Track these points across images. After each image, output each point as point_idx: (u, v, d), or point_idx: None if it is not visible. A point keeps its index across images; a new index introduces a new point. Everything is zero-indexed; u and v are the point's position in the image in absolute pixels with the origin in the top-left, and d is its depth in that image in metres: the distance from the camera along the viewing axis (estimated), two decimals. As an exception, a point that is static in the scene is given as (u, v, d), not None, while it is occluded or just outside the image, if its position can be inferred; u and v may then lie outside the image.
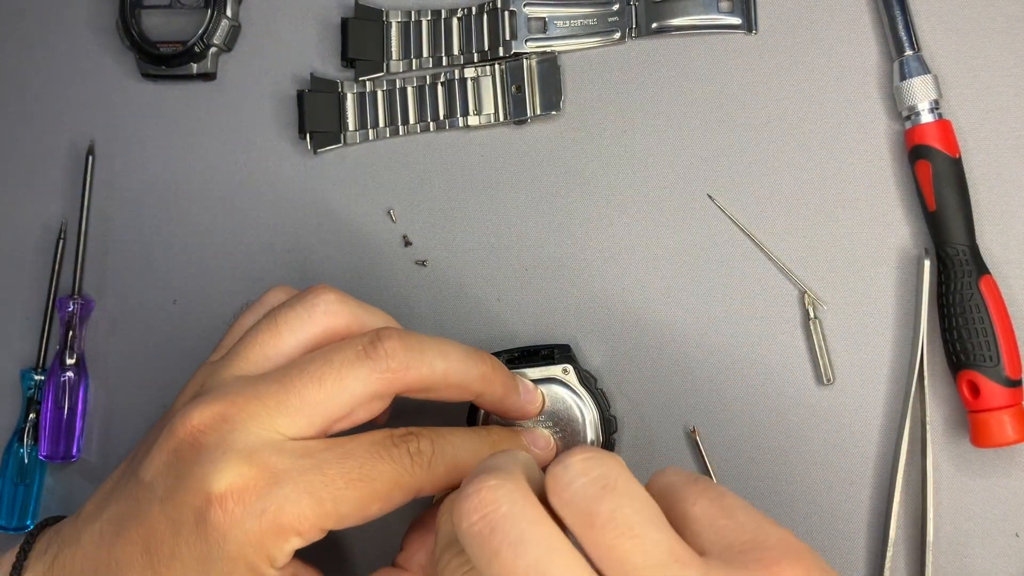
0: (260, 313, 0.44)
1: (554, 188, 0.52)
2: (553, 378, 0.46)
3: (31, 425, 0.53)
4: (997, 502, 0.47)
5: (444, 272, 0.52)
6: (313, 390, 0.38)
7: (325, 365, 0.39)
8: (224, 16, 0.54)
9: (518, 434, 0.44)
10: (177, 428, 0.38)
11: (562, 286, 0.51)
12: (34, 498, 0.52)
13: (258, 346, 0.41)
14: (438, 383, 0.40)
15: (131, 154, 0.55)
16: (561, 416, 0.46)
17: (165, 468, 0.38)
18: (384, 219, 0.53)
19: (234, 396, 0.38)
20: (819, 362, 0.48)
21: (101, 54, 0.56)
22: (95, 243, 0.54)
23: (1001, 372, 0.45)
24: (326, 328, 0.41)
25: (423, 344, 0.40)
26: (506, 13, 0.52)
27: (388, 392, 0.39)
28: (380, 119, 0.53)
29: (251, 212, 0.54)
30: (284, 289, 0.45)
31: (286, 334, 0.41)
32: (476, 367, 0.42)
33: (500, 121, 0.52)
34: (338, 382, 0.38)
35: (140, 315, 0.54)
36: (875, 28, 0.50)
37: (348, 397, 0.38)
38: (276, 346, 0.41)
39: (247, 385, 0.39)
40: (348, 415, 0.39)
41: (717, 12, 0.51)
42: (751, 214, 0.50)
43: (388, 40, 0.53)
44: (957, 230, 0.46)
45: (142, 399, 0.53)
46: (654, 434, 0.49)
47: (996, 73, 0.49)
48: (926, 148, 0.47)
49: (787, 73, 0.50)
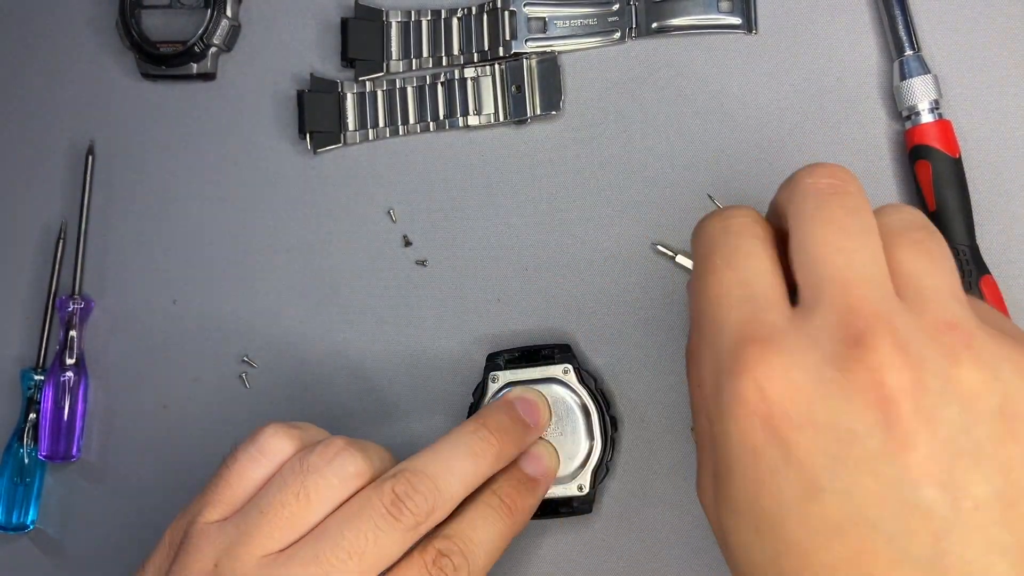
0: (265, 464, 0.40)
1: (554, 188, 0.52)
2: (553, 378, 0.46)
3: (31, 425, 0.53)
4: (997, 502, 0.47)
5: (444, 272, 0.52)
6: (353, 565, 0.36)
7: (359, 538, 0.37)
8: (224, 16, 0.54)
9: (522, 476, 0.44)
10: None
11: (562, 286, 0.51)
12: (34, 498, 0.52)
13: (286, 520, 0.37)
14: (461, 499, 0.40)
15: (131, 154, 0.55)
16: (561, 416, 0.46)
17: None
18: (384, 219, 0.53)
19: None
20: (819, 362, 0.48)
21: (101, 54, 0.56)
22: (95, 243, 0.54)
23: (1001, 372, 0.45)
24: (354, 490, 0.39)
25: (436, 477, 0.39)
26: (506, 13, 0.52)
27: (419, 539, 0.39)
28: (380, 119, 0.53)
29: (251, 212, 0.54)
30: (283, 432, 0.40)
31: (318, 505, 0.38)
32: (487, 459, 0.41)
33: (500, 121, 0.52)
34: (376, 552, 0.37)
35: (140, 315, 0.54)
36: (875, 28, 0.50)
37: (387, 562, 0.37)
38: (306, 518, 0.37)
39: (281, 573, 0.36)
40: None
41: (717, 12, 0.51)
42: (751, 214, 0.50)
43: (388, 40, 0.53)
44: (957, 230, 0.46)
45: (142, 399, 0.53)
46: (654, 434, 0.49)
47: (996, 73, 0.49)
48: (926, 148, 0.47)
49: (787, 73, 0.50)
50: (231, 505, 0.39)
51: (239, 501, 0.39)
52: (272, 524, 0.37)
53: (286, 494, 0.38)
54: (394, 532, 0.37)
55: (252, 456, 0.40)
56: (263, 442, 0.40)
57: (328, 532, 0.37)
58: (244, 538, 0.37)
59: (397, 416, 0.51)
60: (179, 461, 0.53)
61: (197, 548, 0.37)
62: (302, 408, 0.52)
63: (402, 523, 0.37)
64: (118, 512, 0.53)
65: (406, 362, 0.52)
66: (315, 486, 0.38)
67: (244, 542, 0.37)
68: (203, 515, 0.38)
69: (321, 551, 0.36)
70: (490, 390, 0.47)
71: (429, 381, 0.51)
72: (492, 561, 0.40)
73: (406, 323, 0.52)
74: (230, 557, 0.36)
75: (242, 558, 0.36)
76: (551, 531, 0.49)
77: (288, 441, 0.40)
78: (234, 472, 0.39)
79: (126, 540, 0.52)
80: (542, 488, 0.44)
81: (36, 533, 0.53)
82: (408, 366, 0.51)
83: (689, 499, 0.48)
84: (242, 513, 0.38)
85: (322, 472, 0.38)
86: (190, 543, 0.38)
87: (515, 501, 0.42)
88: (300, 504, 0.37)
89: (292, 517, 0.37)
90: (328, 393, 0.52)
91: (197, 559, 0.37)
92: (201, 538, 0.38)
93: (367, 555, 0.36)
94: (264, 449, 0.40)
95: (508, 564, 0.49)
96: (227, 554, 0.37)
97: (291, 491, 0.38)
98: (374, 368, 0.52)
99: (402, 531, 0.37)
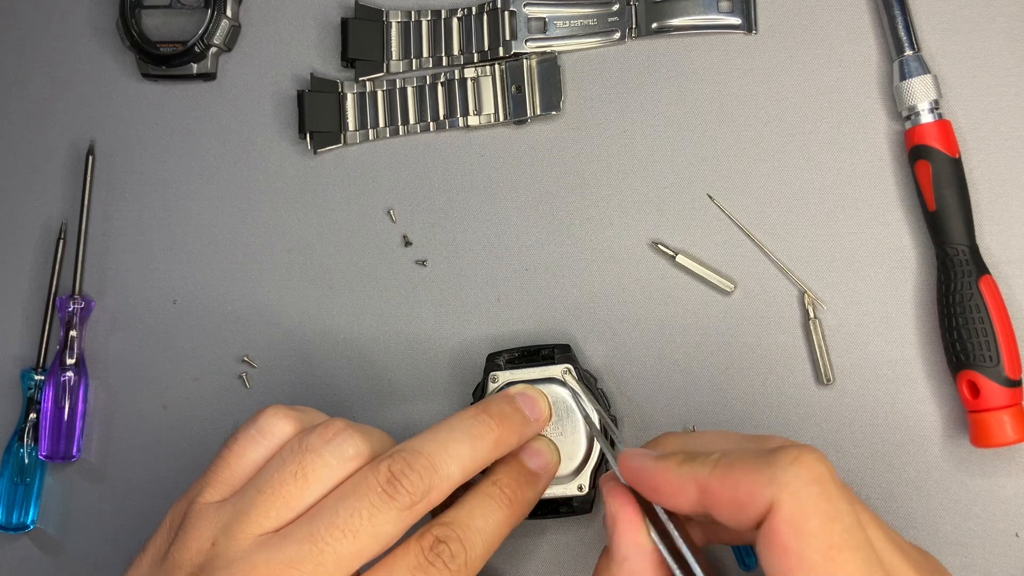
0: (265, 445, 0.40)
1: (554, 188, 0.52)
2: (553, 378, 0.46)
3: (31, 425, 0.53)
4: (997, 502, 0.47)
5: (444, 272, 0.52)
6: (348, 544, 0.36)
7: (354, 516, 0.36)
8: (224, 16, 0.54)
9: (523, 468, 0.44)
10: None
11: (562, 286, 0.51)
12: (34, 498, 0.53)
13: (282, 499, 0.37)
14: (459, 483, 0.40)
15: (131, 154, 0.55)
16: (561, 416, 0.46)
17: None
18: (384, 219, 0.53)
19: (264, 569, 0.36)
20: (819, 362, 0.48)
21: (101, 54, 0.56)
22: (95, 243, 0.54)
23: (1001, 372, 0.45)
24: (351, 471, 0.38)
25: (433, 457, 0.38)
26: (506, 13, 0.52)
27: (416, 521, 0.38)
28: (380, 119, 0.53)
29: (251, 212, 0.54)
30: (283, 414, 0.40)
31: (315, 485, 0.38)
32: (485, 443, 0.41)
33: (500, 121, 0.52)
34: (371, 531, 0.37)
35: (140, 315, 0.54)
36: (875, 28, 0.50)
37: (383, 541, 0.37)
38: (303, 498, 0.37)
39: (275, 551, 0.36)
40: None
41: (717, 12, 0.51)
42: (751, 214, 0.50)
43: (388, 40, 0.53)
44: (957, 230, 0.46)
45: (142, 399, 0.53)
46: (654, 434, 0.49)
47: (996, 73, 0.49)
48: (926, 148, 0.47)
49: (787, 73, 0.50)
50: (230, 485, 0.39)
51: (238, 481, 0.39)
52: (269, 503, 0.37)
53: (284, 474, 0.37)
54: (389, 511, 0.37)
55: (252, 437, 0.40)
56: (263, 423, 0.40)
57: (323, 511, 0.37)
58: (241, 517, 0.37)
59: (397, 414, 0.51)
60: (179, 461, 0.53)
61: (195, 527, 0.37)
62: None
63: (397, 502, 0.37)
64: (118, 512, 0.53)
65: (406, 362, 0.52)
66: (313, 466, 0.38)
67: (241, 520, 0.37)
68: (203, 496, 0.38)
69: (316, 529, 0.36)
70: (490, 390, 0.47)
71: (429, 381, 0.51)
72: (490, 550, 0.40)
73: (406, 323, 0.52)
74: (227, 535, 0.36)
75: (238, 536, 0.36)
76: (551, 531, 0.49)
77: (288, 422, 0.40)
78: (234, 452, 0.39)
79: (126, 540, 0.52)
80: (542, 482, 0.44)
81: (36, 533, 0.53)
82: (408, 365, 0.51)
83: (689, 499, 0.48)
84: (240, 492, 0.38)
85: (320, 452, 0.38)
86: (189, 523, 0.38)
87: (515, 492, 0.42)
88: (298, 484, 0.37)
89: (289, 497, 0.37)
90: (328, 392, 0.52)
91: (195, 538, 0.37)
92: (199, 517, 0.38)
93: (361, 533, 0.36)
94: (264, 430, 0.40)
95: (508, 564, 0.49)
96: (224, 532, 0.37)
97: (289, 471, 0.38)
98: (374, 368, 0.52)
99: (397, 510, 0.37)
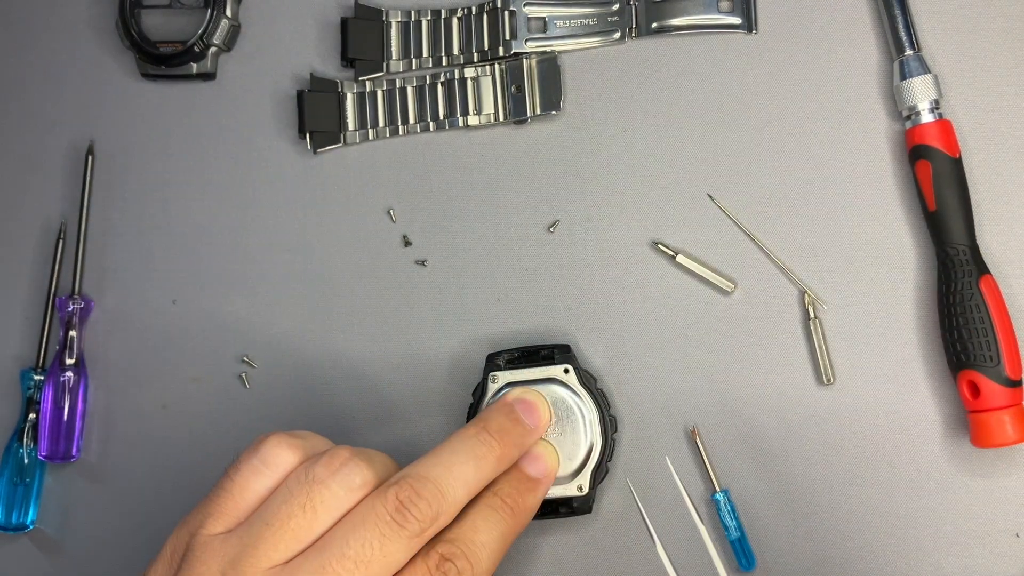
0: (269, 475, 0.39)
1: (554, 188, 0.52)
2: (553, 378, 0.46)
3: (31, 425, 0.53)
4: (997, 502, 0.47)
5: (444, 272, 0.52)
6: (360, 574, 0.36)
7: (365, 547, 0.36)
8: (224, 16, 0.54)
9: (523, 476, 0.44)
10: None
11: (562, 286, 0.51)
12: (34, 498, 0.52)
13: (291, 532, 0.37)
14: (464, 504, 0.40)
15: (131, 154, 0.55)
16: (561, 416, 0.46)
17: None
18: (384, 219, 0.53)
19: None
20: (819, 362, 0.48)
21: (101, 54, 0.56)
22: (94, 243, 0.54)
23: (1001, 372, 0.45)
24: (359, 500, 0.38)
25: (439, 482, 0.39)
26: (506, 13, 0.52)
27: (423, 544, 0.38)
28: (380, 119, 0.53)
29: (251, 212, 0.54)
30: (287, 443, 0.40)
31: (323, 516, 0.37)
32: (488, 462, 0.41)
33: (500, 121, 0.52)
34: (382, 560, 0.37)
35: (140, 315, 0.54)
36: (875, 28, 0.50)
37: (393, 569, 0.37)
38: (311, 530, 0.37)
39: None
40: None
41: (717, 12, 0.51)
42: (751, 214, 0.50)
43: (388, 40, 0.53)
44: (957, 230, 0.46)
45: (142, 399, 0.53)
46: (654, 434, 0.49)
47: (996, 73, 0.49)
48: (926, 148, 0.47)
49: (787, 73, 0.50)
50: (235, 517, 0.38)
51: (243, 513, 0.38)
52: (278, 536, 0.37)
53: (292, 506, 0.37)
54: (399, 539, 0.37)
55: (255, 467, 0.39)
56: (266, 453, 0.39)
57: (333, 542, 0.37)
58: (249, 550, 0.36)
59: (397, 416, 0.51)
60: (179, 461, 0.53)
61: (202, 561, 0.37)
62: (302, 408, 0.52)
63: (407, 530, 0.37)
64: (118, 512, 0.53)
65: (406, 362, 0.52)
66: (321, 498, 0.37)
67: (249, 554, 0.36)
68: (206, 527, 0.38)
69: (327, 561, 0.36)
70: (490, 390, 0.47)
71: (429, 381, 0.51)
72: (496, 563, 0.40)
73: (406, 323, 0.52)
74: (236, 569, 0.36)
75: (247, 570, 0.36)
76: (551, 531, 0.49)
77: (291, 452, 0.39)
78: (237, 483, 0.39)
79: (126, 540, 0.52)
80: (543, 488, 0.44)
81: (36, 533, 0.53)
82: (408, 366, 0.51)
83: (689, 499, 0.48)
84: (247, 525, 0.38)
85: (328, 484, 0.38)
86: (194, 555, 0.37)
87: (516, 502, 0.42)
88: (306, 516, 0.37)
89: (298, 529, 0.37)
90: (328, 392, 0.52)
91: (202, 572, 0.37)
92: (205, 550, 0.37)
93: (373, 563, 0.36)
94: (267, 460, 0.39)
95: (508, 564, 0.49)
96: (233, 566, 0.36)
97: (297, 503, 0.37)
98: (374, 368, 0.52)
99: (407, 538, 0.37)
